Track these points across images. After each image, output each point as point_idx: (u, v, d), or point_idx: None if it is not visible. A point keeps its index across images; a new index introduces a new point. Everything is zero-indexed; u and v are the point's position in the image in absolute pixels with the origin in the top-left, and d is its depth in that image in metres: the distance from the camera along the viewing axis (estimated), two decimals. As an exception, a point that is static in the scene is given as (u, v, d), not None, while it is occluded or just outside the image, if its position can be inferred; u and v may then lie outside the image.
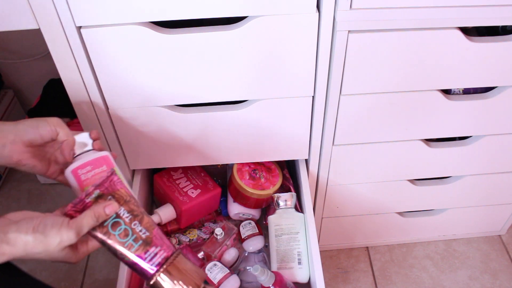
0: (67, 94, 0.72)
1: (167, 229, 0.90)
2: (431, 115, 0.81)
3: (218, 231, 0.85)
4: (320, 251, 0.85)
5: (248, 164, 0.91)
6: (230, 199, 0.93)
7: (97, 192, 0.55)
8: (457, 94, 0.81)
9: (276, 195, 0.86)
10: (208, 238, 0.90)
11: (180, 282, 0.55)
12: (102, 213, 0.53)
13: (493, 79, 0.76)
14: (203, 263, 0.82)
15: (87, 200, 0.55)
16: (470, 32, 0.72)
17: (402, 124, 0.82)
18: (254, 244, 0.87)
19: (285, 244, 0.81)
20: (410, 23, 0.66)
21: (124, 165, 0.86)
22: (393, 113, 0.80)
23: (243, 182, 0.88)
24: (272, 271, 0.74)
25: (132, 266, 0.55)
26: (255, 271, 0.72)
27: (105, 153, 0.61)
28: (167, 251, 0.56)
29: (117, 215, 0.56)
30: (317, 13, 0.65)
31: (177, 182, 0.91)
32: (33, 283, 0.57)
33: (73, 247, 0.53)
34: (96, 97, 0.73)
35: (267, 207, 0.94)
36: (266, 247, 0.88)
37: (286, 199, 0.86)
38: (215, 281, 0.76)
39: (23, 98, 1.40)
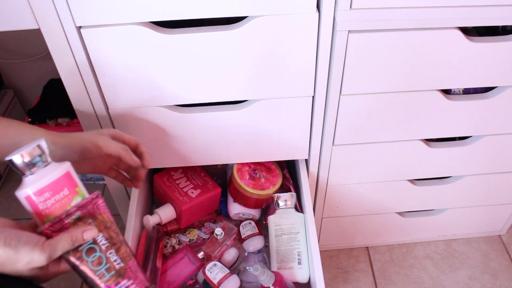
0: (67, 94, 0.72)
1: (167, 229, 0.90)
2: (431, 115, 0.81)
3: (218, 231, 0.85)
4: (320, 251, 0.85)
5: (248, 164, 0.91)
6: (230, 199, 0.93)
7: (78, 213, 0.52)
8: (457, 94, 0.81)
9: (276, 195, 0.86)
10: (208, 238, 0.90)
11: None
12: (79, 238, 0.50)
13: (493, 79, 0.76)
14: (203, 263, 0.82)
15: (66, 221, 0.51)
16: (470, 32, 0.72)
17: (402, 124, 0.82)
18: (254, 244, 0.86)
19: (285, 244, 0.81)
20: (410, 23, 0.66)
21: (124, 165, 0.86)
22: (393, 113, 0.80)
23: (243, 182, 0.88)
24: (272, 271, 0.74)
25: None
26: (255, 271, 0.72)
27: (66, 167, 0.52)
28: (139, 286, 0.54)
29: (94, 241, 0.52)
30: (317, 13, 0.65)
31: (177, 182, 0.90)
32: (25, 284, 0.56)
33: (43, 267, 0.49)
34: (96, 97, 0.73)
35: (267, 207, 0.93)
36: (266, 247, 0.88)
37: (286, 199, 0.86)
38: (215, 281, 0.75)
39: (23, 98, 1.40)
